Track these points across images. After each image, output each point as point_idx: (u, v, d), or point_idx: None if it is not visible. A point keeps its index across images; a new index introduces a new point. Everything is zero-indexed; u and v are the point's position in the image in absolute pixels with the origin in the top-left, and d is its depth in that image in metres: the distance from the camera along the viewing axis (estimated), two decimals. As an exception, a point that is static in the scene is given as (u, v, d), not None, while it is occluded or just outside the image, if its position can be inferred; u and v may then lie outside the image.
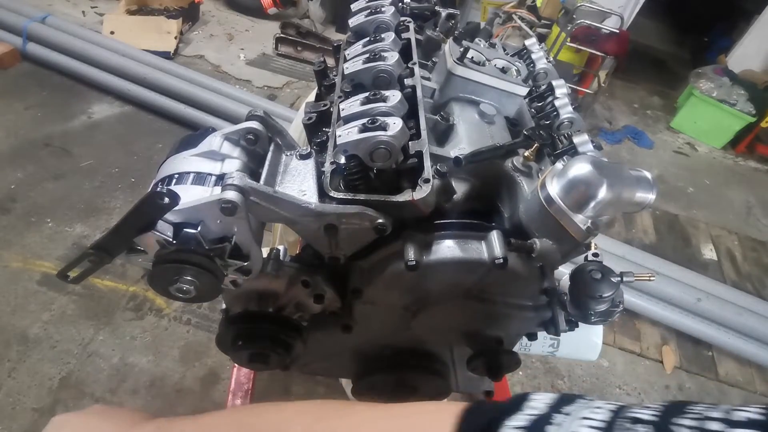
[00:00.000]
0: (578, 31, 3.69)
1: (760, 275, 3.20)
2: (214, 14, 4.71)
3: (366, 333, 0.90)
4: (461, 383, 1.09)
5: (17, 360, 1.97)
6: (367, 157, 0.66)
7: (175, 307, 2.25)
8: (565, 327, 0.83)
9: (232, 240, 0.66)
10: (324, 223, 0.68)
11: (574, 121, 0.85)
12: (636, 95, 5.09)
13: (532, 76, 0.97)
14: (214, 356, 2.11)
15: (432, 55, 1.02)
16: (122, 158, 2.95)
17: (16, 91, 3.27)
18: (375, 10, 0.97)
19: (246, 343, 0.83)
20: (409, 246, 0.72)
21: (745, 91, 4.29)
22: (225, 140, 0.73)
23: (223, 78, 3.83)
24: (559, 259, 0.70)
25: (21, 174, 2.72)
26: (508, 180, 0.77)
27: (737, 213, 3.79)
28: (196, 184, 0.68)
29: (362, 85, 0.82)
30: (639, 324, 2.64)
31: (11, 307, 2.14)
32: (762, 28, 4.70)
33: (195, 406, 1.95)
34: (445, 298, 0.81)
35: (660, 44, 6.37)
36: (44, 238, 2.43)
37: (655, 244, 3.24)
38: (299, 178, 0.72)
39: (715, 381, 2.49)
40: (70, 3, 4.36)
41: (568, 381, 2.32)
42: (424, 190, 0.65)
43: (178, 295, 0.67)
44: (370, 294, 0.79)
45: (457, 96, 0.87)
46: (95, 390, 1.93)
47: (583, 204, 0.64)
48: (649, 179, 0.67)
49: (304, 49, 4.29)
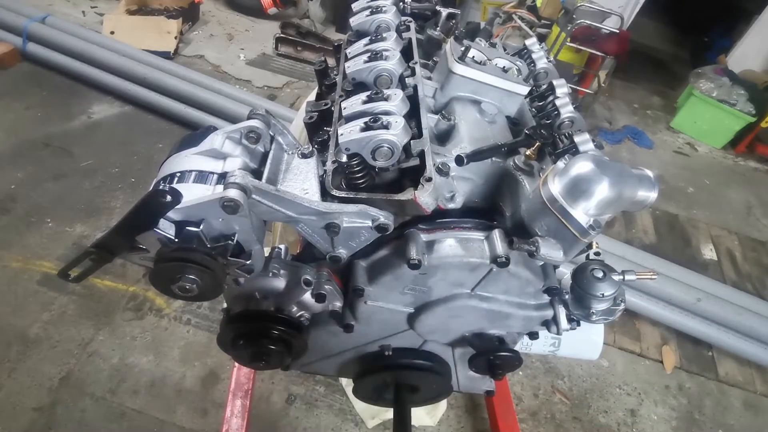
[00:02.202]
0: (578, 31, 3.69)
1: (760, 275, 3.20)
2: (214, 14, 4.71)
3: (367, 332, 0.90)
4: (462, 383, 1.09)
5: (17, 360, 1.97)
6: (369, 156, 0.66)
7: (175, 307, 2.25)
8: (567, 326, 0.83)
9: (234, 238, 0.67)
10: (326, 221, 0.68)
11: (574, 120, 0.85)
12: (636, 95, 5.09)
13: (533, 75, 0.97)
14: (214, 356, 2.10)
15: (433, 54, 1.03)
16: (122, 158, 2.95)
17: (16, 91, 3.26)
18: (376, 10, 0.97)
19: (247, 342, 0.83)
20: (411, 244, 0.72)
21: (745, 91, 4.29)
22: (227, 139, 0.73)
23: (223, 78, 3.83)
24: (560, 257, 0.70)
25: (21, 174, 2.71)
26: (509, 179, 0.77)
27: (737, 213, 3.79)
28: (197, 182, 0.68)
29: (363, 84, 0.82)
30: (639, 324, 2.64)
31: (11, 307, 2.14)
32: (762, 28, 4.71)
33: (195, 406, 1.95)
34: (446, 296, 0.81)
35: (660, 44, 6.37)
36: (44, 238, 2.43)
37: (655, 244, 3.24)
38: (301, 177, 0.72)
39: (715, 381, 2.49)
40: (70, 3, 4.35)
41: (569, 381, 2.32)
42: (426, 189, 0.65)
43: (179, 294, 0.67)
44: (372, 293, 0.79)
45: (458, 95, 0.87)
46: (95, 390, 1.93)
47: (585, 202, 0.64)
48: (651, 178, 0.67)
49: (304, 49, 4.29)
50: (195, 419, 1.92)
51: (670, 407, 2.34)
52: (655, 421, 2.27)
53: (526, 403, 2.21)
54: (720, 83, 4.35)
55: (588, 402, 2.27)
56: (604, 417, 2.23)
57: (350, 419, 2.00)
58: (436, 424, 2.03)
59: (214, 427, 1.89)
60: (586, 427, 2.18)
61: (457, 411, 2.10)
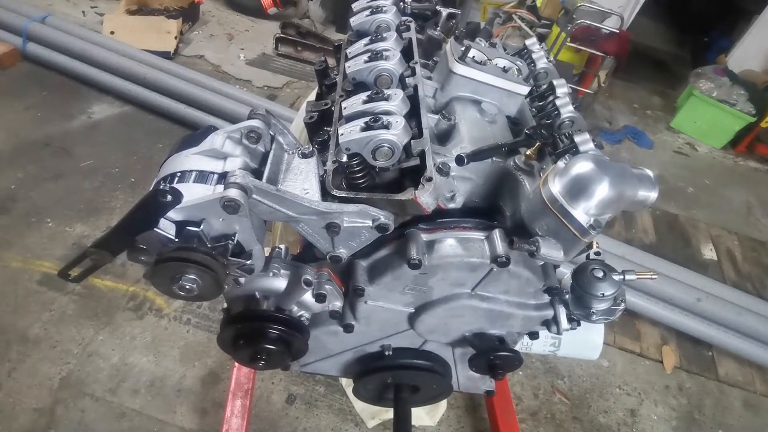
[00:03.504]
0: (578, 31, 3.69)
1: (760, 275, 3.19)
2: (214, 14, 4.71)
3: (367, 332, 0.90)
4: (462, 383, 1.09)
5: (17, 360, 1.97)
6: (370, 156, 0.66)
7: (175, 307, 2.25)
8: (567, 326, 0.83)
9: (234, 238, 0.67)
10: (326, 221, 0.68)
11: (575, 120, 0.85)
12: (636, 95, 5.09)
13: (533, 75, 0.97)
14: (214, 356, 2.10)
15: (433, 54, 1.03)
16: (122, 158, 2.95)
17: (16, 91, 3.26)
18: (376, 10, 0.97)
19: (247, 342, 0.83)
20: (411, 244, 0.72)
21: (745, 91, 4.29)
22: (227, 139, 0.73)
23: (223, 78, 3.83)
24: (561, 257, 0.70)
25: (21, 174, 2.71)
26: (509, 178, 0.77)
27: (737, 213, 3.79)
28: (198, 182, 0.68)
29: (364, 84, 0.82)
30: (639, 324, 2.64)
31: (11, 307, 2.13)
32: (762, 28, 4.70)
33: (195, 406, 1.95)
34: (447, 296, 0.81)
35: (660, 44, 6.37)
36: (44, 238, 2.43)
37: (655, 244, 3.24)
38: (301, 177, 0.72)
39: (715, 381, 2.49)
40: (70, 3, 4.35)
41: (569, 381, 2.32)
42: (427, 189, 0.65)
43: (180, 294, 0.67)
44: (373, 293, 0.79)
45: (459, 95, 0.87)
46: (95, 390, 1.93)
47: (586, 202, 0.64)
48: (651, 177, 0.67)
49: (304, 49, 4.29)
50: (195, 419, 1.92)
51: (670, 407, 2.34)
52: (655, 421, 2.27)
53: (526, 403, 2.21)
54: (720, 83, 4.35)
55: (588, 402, 2.27)
56: (604, 417, 2.23)
57: (350, 419, 2.00)
58: (436, 424, 2.03)
59: (214, 427, 1.89)
60: (586, 427, 2.18)
61: (457, 411, 2.10)
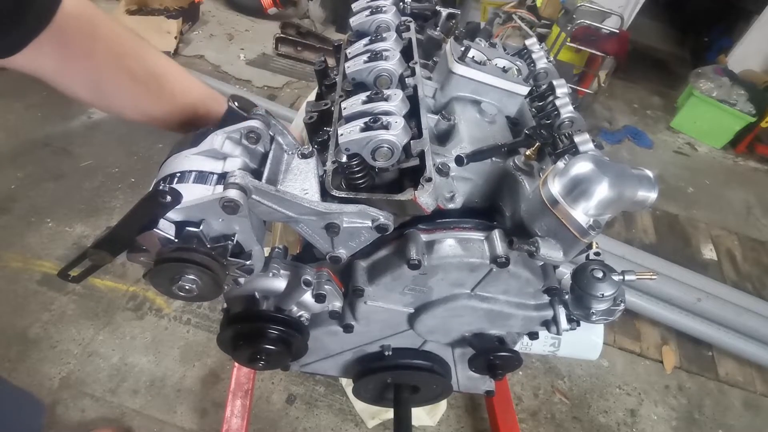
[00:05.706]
0: (578, 31, 3.69)
1: (760, 275, 3.19)
2: (214, 14, 4.71)
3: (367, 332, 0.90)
4: (462, 383, 1.09)
5: (17, 360, 1.97)
6: (369, 156, 0.66)
7: (175, 307, 2.25)
8: (567, 326, 0.83)
9: (234, 239, 0.67)
10: (326, 221, 0.68)
11: (574, 120, 0.85)
12: (636, 95, 5.09)
13: (533, 75, 0.97)
14: (214, 356, 2.10)
15: (433, 54, 1.03)
16: (122, 158, 2.95)
17: (16, 91, 3.26)
18: (376, 10, 0.97)
19: (247, 342, 0.83)
20: (411, 245, 0.72)
21: (745, 91, 4.28)
22: (226, 139, 0.73)
23: (223, 78, 3.83)
24: (560, 257, 0.70)
25: (21, 174, 2.71)
26: (509, 179, 0.77)
27: (737, 213, 3.79)
28: (197, 182, 0.68)
29: (363, 84, 0.82)
30: (639, 324, 2.64)
31: (11, 307, 2.14)
32: (762, 28, 4.70)
33: (195, 406, 1.95)
34: (446, 297, 0.81)
35: (660, 44, 6.36)
36: (44, 238, 2.43)
37: (655, 244, 3.24)
38: (301, 177, 0.72)
39: (715, 381, 2.49)
40: (70, 3, 4.36)
41: (569, 381, 2.32)
42: (426, 189, 0.65)
43: (179, 294, 0.67)
44: (372, 293, 0.79)
45: (459, 95, 0.87)
46: (95, 390, 1.93)
47: (585, 202, 0.64)
48: (651, 178, 0.67)
49: (304, 49, 4.29)
50: (195, 419, 1.92)
51: (670, 407, 2.34)
52: (655, 421, 2.27)
53: (526, 403, 2.21)
54: (720, 83, 4.35)
55: (588, 402, 2.27)
56: (604, 417, 2.23)
57: (350, 419, 2.00)
58: (436, 424, 2.03)
59: (214, 427, 1.89)
60: (586, 427, 2.18)
61: (457, 411, 2.10)
